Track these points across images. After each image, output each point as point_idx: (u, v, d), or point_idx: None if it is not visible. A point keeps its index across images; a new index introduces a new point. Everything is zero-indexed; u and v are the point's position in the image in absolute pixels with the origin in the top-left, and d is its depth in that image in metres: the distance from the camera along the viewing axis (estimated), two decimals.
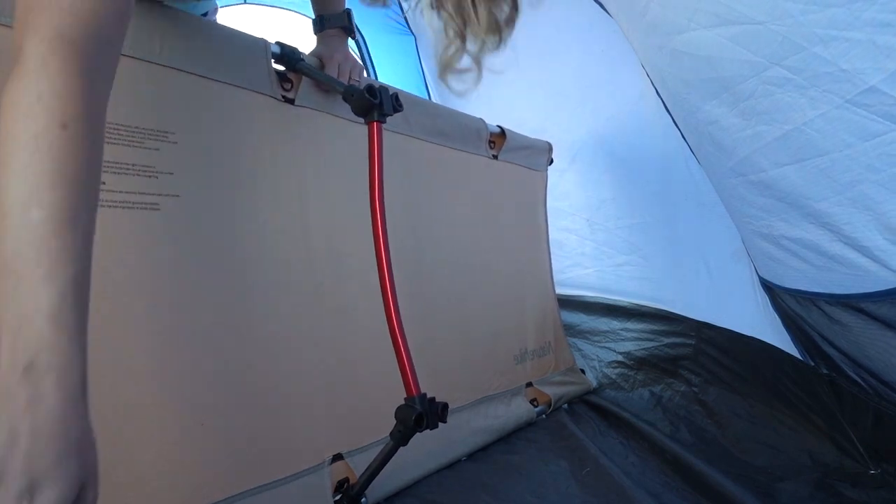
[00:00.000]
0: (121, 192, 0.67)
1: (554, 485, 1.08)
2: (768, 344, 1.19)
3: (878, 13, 0.47)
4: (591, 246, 1.72)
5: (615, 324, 1.72)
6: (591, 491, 1.05)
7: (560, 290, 1.95)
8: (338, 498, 0.82)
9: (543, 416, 1.35)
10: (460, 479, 1.09)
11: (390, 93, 0.82)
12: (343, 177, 0.96)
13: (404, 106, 1.11)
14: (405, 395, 0.74)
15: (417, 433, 0.74)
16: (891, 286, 0.67)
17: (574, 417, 1.39)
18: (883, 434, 0.95)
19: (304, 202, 0.89)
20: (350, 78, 0.99)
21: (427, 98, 2.30)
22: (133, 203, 0.68)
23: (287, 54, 0.87)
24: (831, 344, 0.90)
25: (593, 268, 1.74)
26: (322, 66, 0.96)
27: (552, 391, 1.39)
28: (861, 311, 0.75)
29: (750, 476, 1.07)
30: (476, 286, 1.26)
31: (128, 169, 0.68)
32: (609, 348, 1.71)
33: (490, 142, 1.35)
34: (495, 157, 1.37)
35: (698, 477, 1.05)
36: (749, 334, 1.26)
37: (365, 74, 1.11)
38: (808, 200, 0.69)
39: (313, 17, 1.02)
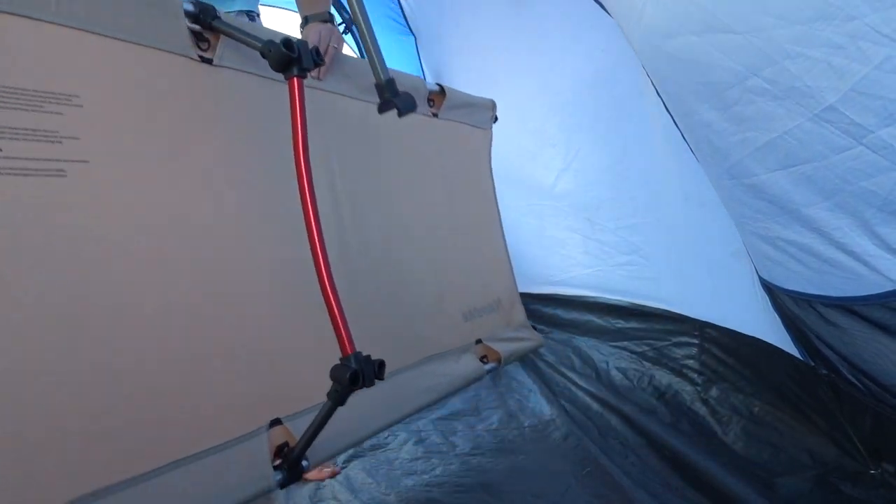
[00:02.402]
0: (19, 158, 0.65)
1: (554, 485, 1.09)
2: (769, 344, 1.19)
3: (832, 34, 0.49)
4: (592, 245, 1.72)
5: (617, 323, 1.72)
6: (591, 491, 1.06)
7: (562, 290, 1.96)
8: (278, 463, 0.81)
9: (494, 371, 1.34)
10: (460, 478, 1.10)
11: (310, 47, 0.80)
12: (270, 138, 0.92)
13: (336, 65, 1.05)
14: (340, 355, 0.73)
15: (357, 393, 0.73)
16: (881, 290, 0.67)
17: (574, 417, 1.40)
18: (883, 434, 0.95)
19: (228, 165, 0.86)
20: (329, 46, 1.03)
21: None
22: (35, 170, 0.66)
23: (202, 11, 0.84)
24: (828, 345, 0.90)
25: (594, 267, 1.74)
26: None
27: (502, 347, 1.37)
28: (855, 313, 0.75)
29: (750, 474, 1.07)
30: (417, 245, 1.24)
31: (26, 134, 0.66)
32: (611, 347, 1.71)
33: (430, 100, 1.32)
34: (435, 115, 1.34)
35: (699, 476, 1.06)
36: (750, 334, 1.26)
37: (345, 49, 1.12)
38: (798, 206, 0.69)
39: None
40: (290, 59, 0.77)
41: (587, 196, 1.67)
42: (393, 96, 0.92)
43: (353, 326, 0.86)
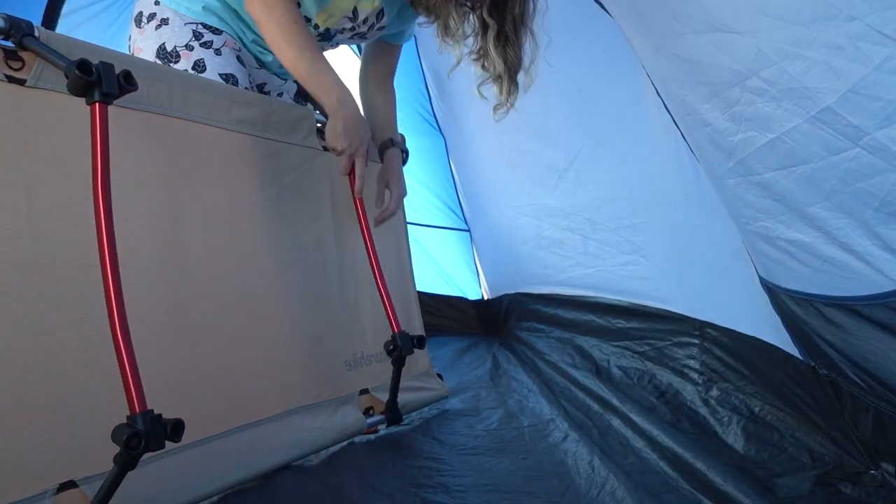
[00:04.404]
0: None
1: (554, 485, 1.09)
2: (770, 344, 1.19)
3: (833, 35, 0.49)
4: (592, 245, 1.72)
5: (618, 323, 1.72)
6: (591, 491, 1.06)
7: (562, 290, 1.96)
8: None
9: (380, 423, 1.27)
10: (459, 478, 1.11)
11: (120, 70, 0.73)
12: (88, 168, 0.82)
13: (192, 91, 0.98)
14: (127, 413, 0.69)
15: (194, 448, 0.72)
16: (883, 290, 0.67)
17: (574, 417, 1.40)
18: (883, 434, 0.95)
19: (37, 199, 0.78)
20: (393, 194, 1.32)
21: (429, 101, 2.30)
22: None
23: (13, 27, 0.76)
24: (830, 345, 0.90)
25: (595, 267, 1.74)
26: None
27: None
28: (856, 313, 0.75)
29: (750, 474, 1.07)
30: (294, 287, 1.18)
31: None
32: (612, 347, 1.71)
33: (322, 133, 1.27)
34: (326, 149, 1.29)
35: (699, 476, 1.06)
36: (750, 334, 1.26)
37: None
38: (801, 205, 0.70)
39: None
40: (87, 83, 0.71)
41: (587, 196, 1.67)
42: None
43: (197, 373, 0.84)
